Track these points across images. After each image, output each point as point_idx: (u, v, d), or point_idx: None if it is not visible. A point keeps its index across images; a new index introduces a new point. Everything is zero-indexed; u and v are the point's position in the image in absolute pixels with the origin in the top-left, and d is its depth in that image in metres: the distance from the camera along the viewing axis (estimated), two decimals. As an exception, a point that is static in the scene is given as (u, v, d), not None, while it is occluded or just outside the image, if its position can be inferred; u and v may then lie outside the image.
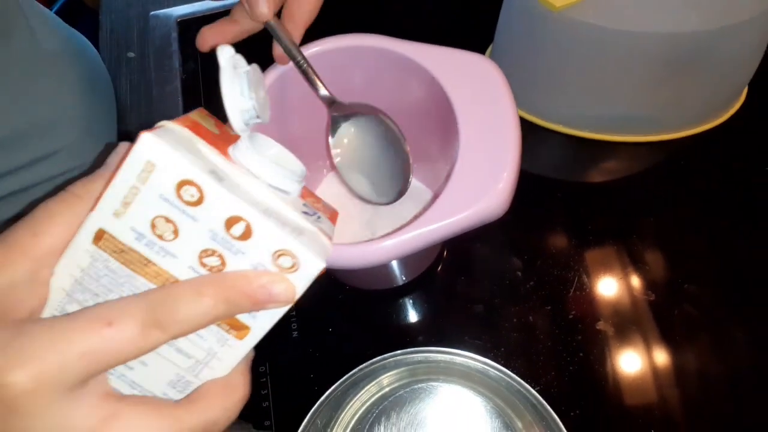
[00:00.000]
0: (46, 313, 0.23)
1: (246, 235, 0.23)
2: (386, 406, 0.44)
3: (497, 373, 0.39)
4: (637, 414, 0.44)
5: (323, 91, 0.37)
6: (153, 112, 0.62)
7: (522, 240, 0.52)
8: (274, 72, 0.39)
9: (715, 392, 0.45)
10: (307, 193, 0.28)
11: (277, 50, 0.39)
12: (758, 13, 0.45)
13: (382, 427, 0.43)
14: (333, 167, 0.41)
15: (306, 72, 0.37)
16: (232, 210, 0.22)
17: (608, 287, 0.49)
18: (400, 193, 0.38)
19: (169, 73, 0.64)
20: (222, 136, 0.25)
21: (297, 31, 0.37)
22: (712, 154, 0.56)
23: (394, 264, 0.47)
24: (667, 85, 0.50)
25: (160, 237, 0.23)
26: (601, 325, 0.47)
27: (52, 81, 0.53)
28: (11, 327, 0.21)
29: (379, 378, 0.43)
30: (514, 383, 0.39)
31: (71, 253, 0.23)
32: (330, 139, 0.39)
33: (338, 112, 0.38)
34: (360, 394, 0.44)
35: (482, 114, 0.35)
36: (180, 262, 0.23)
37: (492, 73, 0.36)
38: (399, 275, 0.50)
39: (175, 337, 0.22)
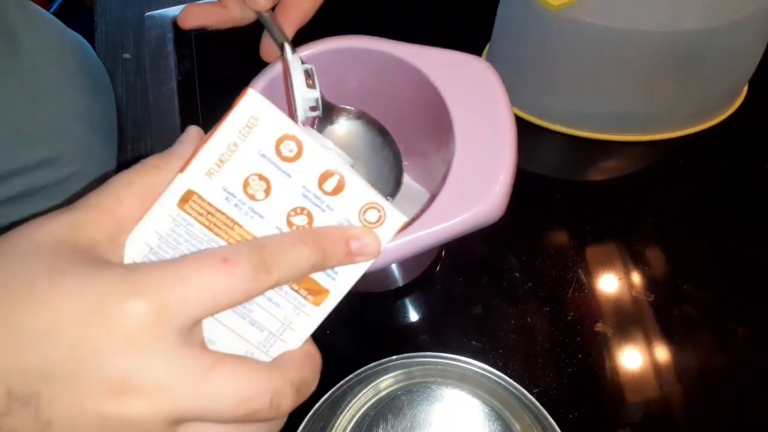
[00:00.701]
0: None
1: (338, 189, 0.23)
2: (383, 410, 0.44)
3: (495, 378, 0.39)
4: (637, 416, 0.44)
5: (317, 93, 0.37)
6: (149, 114, 0.62)
7: (520, 241, 0.51)
8: (266, 75, 0.39)
9: (716, 394, 0.44)
10: None
11: (265, 46, 0.38)
12: (758, 9, 0.45)
13: (380, 431, 0.43)
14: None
15: (297, 68, 0.36)
16: (327, 164, 0.23)
17: (607, 288, 0.49)
18: (390, 197, 0.37)
19: (164, 75, 0.64)
20: None
21: (289, 29, 0.37)
22: (713, 153, 0.55)
23: (393, 266, 0.46)
24: (667, 83, 0.50)
25: (251, 197, 0.23)
26: (600, 327, 0.47)
27: (56, 83, 0.53)
28: (120, 266, 0.20)
29: (376, 381, 0.43)
30: (511, 388, 0.39)
31: (149, 220, 0.22)
32: None
33: (327, 113, 0.37)
34: (357, 398, 0.43)
35: (478, 116, 0.35)
36: (267, 222, 0.23)
37: (487, 74, 0.35)
38: (397, 278, 0.49)
39: (278, 282, 0.22)
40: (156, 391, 0.19)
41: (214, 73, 0.63)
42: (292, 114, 0.33)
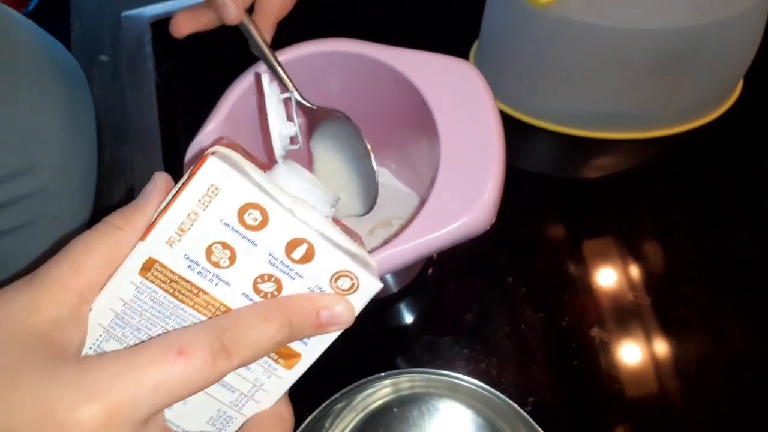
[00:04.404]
0: (83, 352, 0.22)
1: (307, 257, 0.22)
2: (375, 423, 0.43)
3: (487, 393, 0.38)
4: (634, 425, 0.43)
5: (296, 96, 0.35)
6: (128, 118, 0.60)
7: (512, 243, 0.50)
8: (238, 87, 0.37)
9: (719, 404, 0.43)
10: (335, 219, 0.28)
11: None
12: (751, 6, 0.43)
13: (371, 446, 0.42)
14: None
15: (278, 74, 0.35)
16: (295, 232, 0.22)
17: (602, 291, 0.48)
18: (371, 205, 0.36)
19: (143, 77, 0.62)
20: (256, 162, 0.25)
21: (266, 23, 0.36)
22: (708, 150, 0.54)
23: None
24: (659, 81, 0.48)
25: (215, 264, 0.22)
26: (595, 332, 0.46)
27: (29, 87, 0.51)
28: (73, 362, 0.20)
29: (366, 394, 0.42)
30: (504, 402, 0.38)
31: (113, 287, 0.22)
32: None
33: (311, 117, 0.36)
34: (347, 412, 0.42)
35: (463, 122, 0.33)
36: (233, 289, 0.23)
37: (473, 78, 0.34)
38: (390, 285, 0.48)
39: (240, 365, 0.21)
40: None
41: (194, 74, 0.61)
42: (268, 139, 0.32)
